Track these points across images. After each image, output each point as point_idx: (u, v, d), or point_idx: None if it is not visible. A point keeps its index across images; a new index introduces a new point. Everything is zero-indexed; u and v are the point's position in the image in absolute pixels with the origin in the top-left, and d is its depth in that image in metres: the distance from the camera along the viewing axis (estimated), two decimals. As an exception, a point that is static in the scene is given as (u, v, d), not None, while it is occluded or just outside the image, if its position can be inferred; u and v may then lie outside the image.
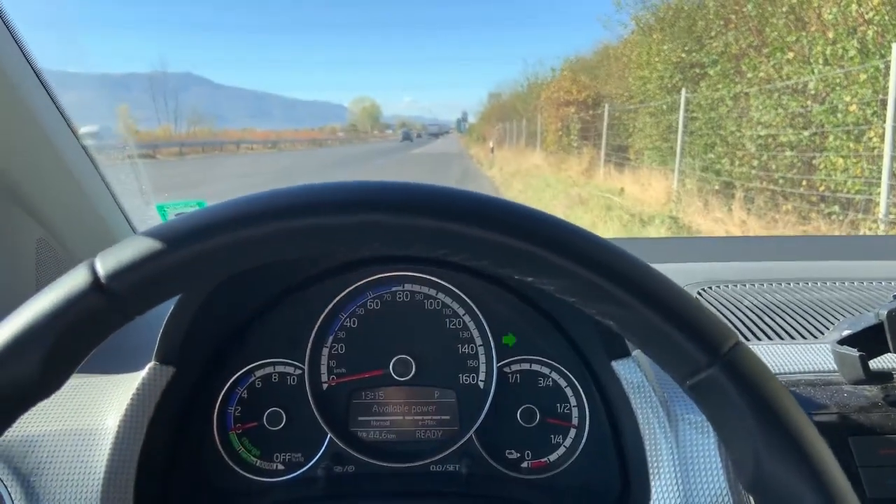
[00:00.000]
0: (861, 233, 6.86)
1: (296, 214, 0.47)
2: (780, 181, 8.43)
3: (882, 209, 6.47)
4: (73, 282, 0.46)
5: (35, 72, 1.00)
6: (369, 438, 0.90)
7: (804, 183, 8.07)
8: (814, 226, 7.61)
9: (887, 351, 0.74)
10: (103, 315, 0.47)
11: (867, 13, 7.23)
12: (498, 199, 0.50)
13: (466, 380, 0.91)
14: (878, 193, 6.59)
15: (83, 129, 1.12)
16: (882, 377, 0.75)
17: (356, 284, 0.91)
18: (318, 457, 0.88)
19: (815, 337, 0.92)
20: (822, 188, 7.76)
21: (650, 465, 0.73)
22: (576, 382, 0.89)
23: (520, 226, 0.48)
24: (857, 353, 0.72)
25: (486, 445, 0.89)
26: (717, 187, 9.74)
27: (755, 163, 9.05)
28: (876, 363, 0.77)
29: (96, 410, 0.76)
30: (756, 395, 0.47)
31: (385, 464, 0.87)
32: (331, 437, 0.88)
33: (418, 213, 0.48)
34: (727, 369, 0.47)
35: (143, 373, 0.75)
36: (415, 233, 0.48)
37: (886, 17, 7.05)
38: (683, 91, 10.86)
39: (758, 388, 0.47)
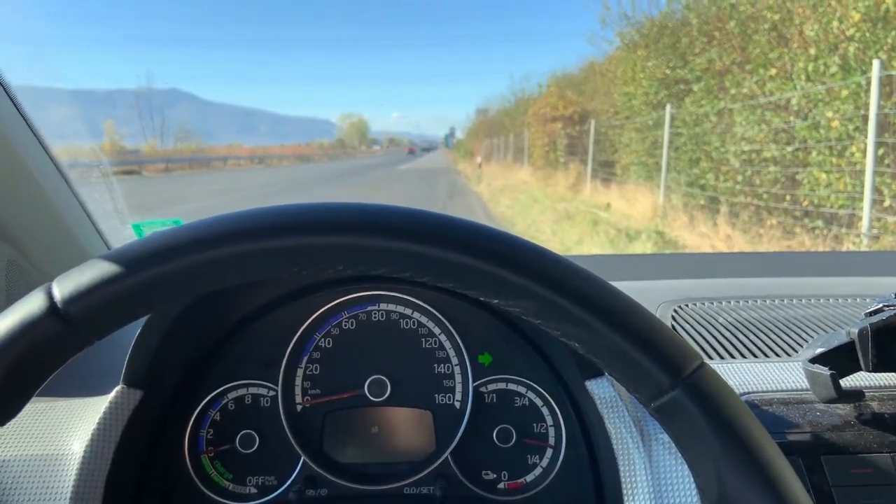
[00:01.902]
0: (844, 247, 6.91)
1: (248, 238, 0.47)
2: (765, 196, 8.50)
3: (865, 223, 6.53)
4: (28, 307, 0.46)
5: (3, 88, 0.99)
6: (344, 460, 0.89)
7: (788, 198, 8.14)
8: (798, 240, 7.66)
9: (859, 369, 0.74)
10: (61, 340, 0.46)
11: (848, 30, 7.33)
12: (462, 220, 0.50)
13: (442, 400, 0.90)
14: (861, 208, 6.65)
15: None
16: (854, 396, 0.74)
17: (331, 304, 0.90)
18: (291, 480, 0.87)
19: (790, 355, 0.92)
20: (805, 203, 7.83)
21: (624, 485, 0.72)
22: (552, 402, 0.89)
23: (484, 247, 0.48)
24: (829, 372, 0.72)
25: (462, 467, 0.88)
26: (702, 202, 9.80)
27: (739, 178, 9.12)
28: (848, 381, 0.77)
29: (62, 435, 0.75)
30: (719, 418, 0.46)
31: (359, 486, 0.86)
32: (304, 460, 0.87)
33: (382, 235, 0.47)
34: (690, 391, 0.47)
35: (110, 396, 0.73)
36: (379, 255, 0.48)
37: (867, 34, 7.15)
38: (668, 107, 10.95)
39: (721, 410, 0.47)
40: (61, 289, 0.46)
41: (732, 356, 0.93)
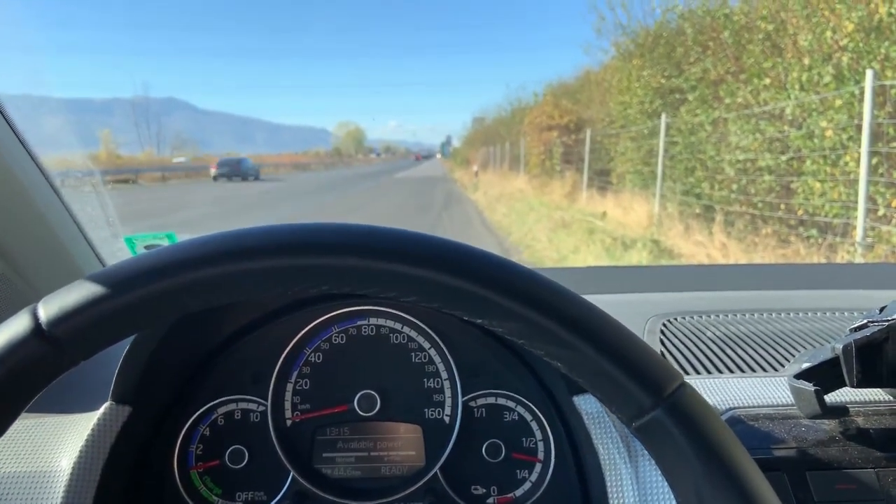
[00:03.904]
0: (839, 255, 6.93)
1: (234, 259, 0.47)
2: (759, 205, 8.52)
3: (859, 233, 6.55)
4: (14, 328, 0.46)
5: None
6: (333, 476, 0.89)
7: (783, 207, 8.16)
8: (793, 249, 7.68)
9: (844, 385, 0.74)
10: (46, 361, 0.47)
11: (842, 40, 7.37)
12: (446, 241, 0.50)
13: (432, 414, 0.90)
14: (856, 217, 6.67)
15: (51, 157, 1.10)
16: (839, 411, 0.75)
17: (321, 318, 0.90)
18: (280, 495, 0.87)
19: (776, 369, 0.93)
20: (800, 212, 7.85)
21: (611, 500, 0.73)
22: (541, 416, 0.89)
23: (468, 269, 0.48)
24: (813, 388, 0.72)
25: (451, 481, 0.88)
26: (697, 211, 9.83)
27: (734, 187, 9.15)
28: (833, 397, 0.77)
29: (50, 452, 0.75)
30: (699, 438, 0.47)
31: (348, 502, 0.86)
32: (294, 475, 0.87)
33: (366, 256, 0.48)
34: (671, 411, 0.47)
35: (98, 413, 0.74)
36: (363, 276, 0.48)
37: (861, 44, 7.18)
38: (663, 116, 10.98)
39: (701, 430, 0.47)
40: (47, 310, 0.46)
41: (720, 371, 0.93)
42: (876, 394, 0.81)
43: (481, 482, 0.88)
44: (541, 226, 11.83)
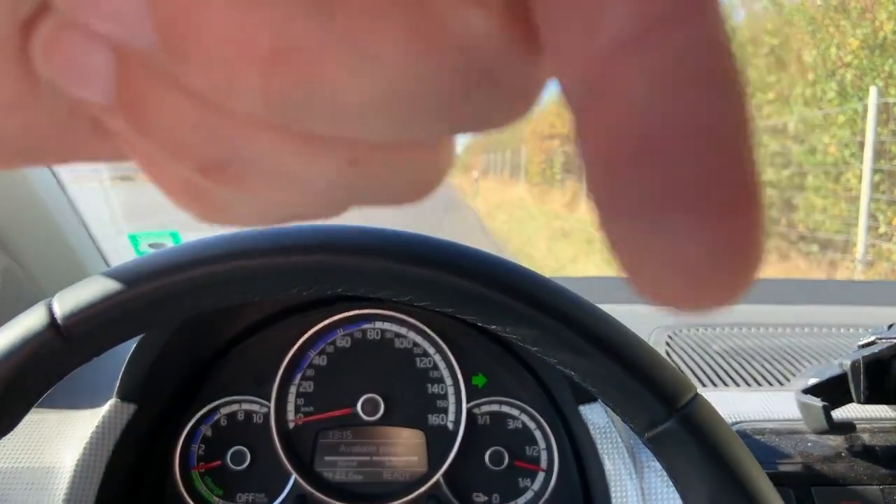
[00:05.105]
0: (839, 271, 6.93)
1: (250, 256, 0.47)
2: (760, 219, 8.52)
3: (860, 250, 6.55)
4: (29, 322, 0.46)
5: None
6: (335, 479, 0.88)
7: (784, 221, 8.17)
8: (793, 264, 7.68)
9: (851, 401, 0.75)
10: (60, 355, 0.47)
11: (846, 57, 7.39)
12: (462, 246, 0.50)
13: (435, 420, 0.90)
14: (856, 234, 6.68)
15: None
16: (845, 428, 0.75)
17: (326, 321, 0.90)
18: (281, 498, 0.86)
19: (782, 384, 0.92)
20: (801, 227, 7.86)
21: None
22: (545, 425, 0.89)
23: (485, 274, 0.48)
24: (821, 404, 0.72)
25: (453, 488, 0.87)
26: (698, 223, 9.83)
27: (735, 200, 9.15)
28: (840, 413, 0.77)
29: (54, 447, 0.74)
30: (712, 449, 0.47)
31: None
32: (295, 478, 0.86)
33: (382, 257, 0.48)
34: (684, 422, 0.47)
35: (104, 410, 0.73)
36: (379, 277, 0.48)
37: (864, 62, 7.20)
38: (666, 128, 10.99)
39: (714, 441, 0.47)
40: (62, 304, 0.46)
41: (726, 384, 0.93)
42: (882, 411, 0.81)
43: (483, 490, 0.88)
44: (540, 235, 11.82)
